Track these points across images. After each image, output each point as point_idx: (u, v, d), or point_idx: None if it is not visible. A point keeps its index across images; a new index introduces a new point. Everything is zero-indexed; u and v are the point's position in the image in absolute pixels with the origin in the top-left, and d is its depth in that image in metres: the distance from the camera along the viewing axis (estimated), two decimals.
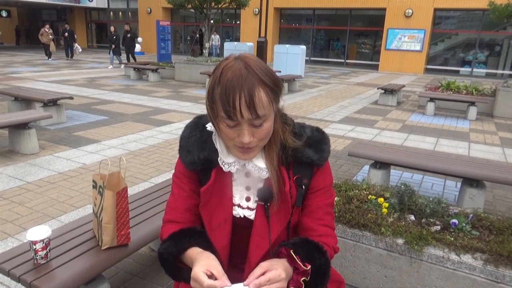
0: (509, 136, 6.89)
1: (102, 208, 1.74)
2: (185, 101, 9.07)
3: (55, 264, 1.64)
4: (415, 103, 10.09)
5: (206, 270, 0.94)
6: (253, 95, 0.92)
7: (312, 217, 1.14)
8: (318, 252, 1.05)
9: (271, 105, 0.98)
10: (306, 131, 1.14)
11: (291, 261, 1.01)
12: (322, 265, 1.03)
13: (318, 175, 1.14)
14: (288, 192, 1.09)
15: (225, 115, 0.94)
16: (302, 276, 0.99)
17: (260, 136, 1.00)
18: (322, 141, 1.14)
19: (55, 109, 6.25)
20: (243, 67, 0.95)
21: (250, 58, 0.98)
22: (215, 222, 1.13)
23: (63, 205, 3.37)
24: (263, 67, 0.97)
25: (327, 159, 1.14)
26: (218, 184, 1.12)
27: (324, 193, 1.16)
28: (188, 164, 1.13)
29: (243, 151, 1.03)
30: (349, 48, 22.81)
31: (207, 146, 1.13)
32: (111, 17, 30.21)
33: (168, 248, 1.09)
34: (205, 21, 12.95)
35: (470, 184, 3.43)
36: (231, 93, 0.92)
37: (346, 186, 2.72)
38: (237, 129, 0.98)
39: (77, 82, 11.31)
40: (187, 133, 1.17)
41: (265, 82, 0.95)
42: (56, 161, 4.50)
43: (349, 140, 6.03)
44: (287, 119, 1.14)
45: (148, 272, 2.45)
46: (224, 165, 1.10)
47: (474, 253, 2.01)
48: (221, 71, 0.96)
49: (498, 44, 19.43)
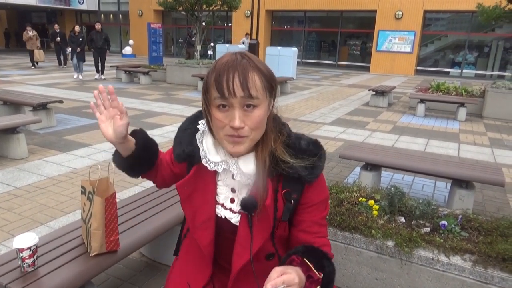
0: (498, 136, 6.98)
1: (91, 214, 1.72)
2: (176, 103, 9.04)
3: (42, 272, 1.62)
4: (405, 104, 10.17)
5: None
6: (247, 76, 0.95)
7: (308, 232, 1.12)
8: (326, 259, 1.04)
9: (264, 92, 0.99)
10: (301, 143, 1.10)
11: (305, 269, 0.98)
12: (331, 273, 1.03)
13: (311, 191, 1.11)
14: (269, 205, 1.06)
15: (218, 94, 0.95)
16: (316, 285, 0.98)
17: (251, 123, 0.98)
18: (316, 156, 1.09)
19: (45, 113, 6.19)
20: (239, 56, 0.98)
21: (247, 53, 1.01)
22: (198, 219, 1.13)
23: (53, 210, 3.33)
24: (259, 60, 1.01)
25: (318, 176, 1.10)
26: (201, 182, 1.13)
27: (319, 207, 1.13)
28: (175, 155, 1.18)
29: (233, 140, 1.00)
30: (341, 50, 22.94)
31: (195, 142, 1.14)
32: (102, 19, 30.03)
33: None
34: (197, 23, 12.93)
35: (460, 185, 3.47)
36: (225, 73, 0.95)
37: (337, 188, 2.73)
38: (229, 113, 0.97)
39: (67, 85, 11.22)
40: (185, 125, 1.20)
41: (260, 69, 0.98)
42: (46, 165, 4.46)
43: (340, 142, 6.06)
44: (283, 129, 1.10)
45: (139, 278, 2.43)
46: (209, 164, 1.10)
47: (463, 255, 2.02)
48: (217, 62, 1.00)
49: (487, 45, 19.69)
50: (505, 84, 8.91)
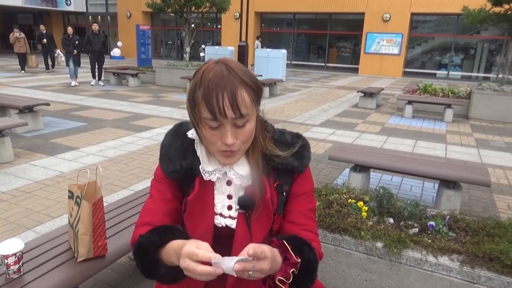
0: (483, 137, 7.09)
1: (79, 219, 1.70)
2: (165, 106, 8.99)
3: (28, 278, 1.59)
4: (394, 105, 10.27)
5: (198, 247, 0.85)
6: (236, 95, 0.94)
7: (295, 223, 1.13)
8: (307, 246, 1.04)
9: (253, 105, 0.99)
10: (286, 137, 1.15)
11: (282, 250, 0.98)
12: (311, 260, 1.03)
13: (299, 181, 1.15)
14: (269, 199, 1.09)
15: (209, 115, 0.94)
16: (292, 267, 0.96)
17: (243, 138, 1.00)
18: (303, 147, 1.14)
19: (31, 116, 6.09)
20: (224, 69, 0.96)
21: (230, 61, 0.99)
22: (197, 231, 1.10)
23: (39, 215, 3.28)
24: (243, 69, 0.99)
25: (307, 165, 1.15)
26: (201, 193, 1.11)
27: (306, 198, 1.16)
28: (169, 173, 1.11)
29: (225, 155, 1.02)
30: (329, 52, 23.09)
31: (189, 154, 1.11)
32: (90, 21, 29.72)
33: (150, 237, 1.00)
34: (186, 25, 12.89)
35: (447, 186, 3.51)
36: (214, 92, 0.93)
37: (327, 190, 2.74)
38: (220, 131, 0.97)
39: (54, 88, 11.08)
40: (168, 141, 1.15)
41: (246, 83, 0.97)
42: (32, 169, 4.39)
43: (329, 144, 6.09)
44: (267, 126, 1.14)
45: (128, 283, 2.40)
46: (204, 174, 1.09)
47: (451, 255, 2.05)
48: (201, 74, 0.97)
49: (473, 47, 20.02)
50: (490, 85, 9.07)
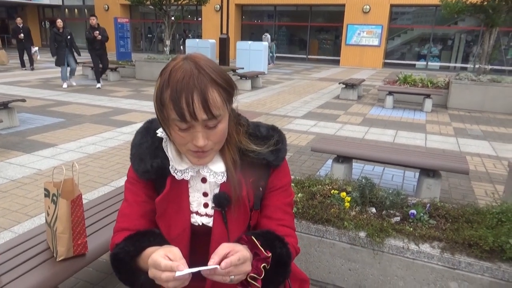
0: (461, 126, 7.25)
1: (57, 218, 1.65)
2: (146, 100, 8.85)
3: (5, 280, 1.54)
4: (374, 96, 10.39)
5: (164, 256, 0.84)
6: (206, 95, 0.88)
7: (271, 218, 1.11)
8: (279, 241, 1.02)
9: (225, 105, 0.95)
10: (261, 130, 1.11)
11: (252, 246, 0.97)
12: (283, 255, 1.01)
13: (275, 175, 1.11)
14: (245, 196, 1.06)
15: (178, 117, 0.89)
16: (262, 262, 0.95)
17: (215, 138, 0.96)
18: (278, 140, 1.10)
19: (6, 113, 5.91)
20: (193, 67, 0.90)
21: (199, 57, 0.94)
22: (174, 232, 1.07)
23: (17, 214, 3.19)
24: (214, 67, 0.93)
25: (284, 158, 1.12)
26: (174, 193, 1.07)
27: (282, 192, 1.13)
28: (141, 173, 1.07)
29: (197, 155, 0.98)
30: (311, 44, 23.13)
31: (160, 153, 1.07)
32: (66, 14, 28.94)
33: (125, 247, 0.99)
34: (165, 18, 12.67)
35: (427, 174, 3.57)
36: (183, 93, 0.87)
37: (309, 182, 2.75)
38: (190, 132, 0.93)
39: (31, 84, 10.76)
40: (138, 140, 1.10)
41: (217, 82, 0.92)
42: (8, 167, 4.26)
43: (312, 135, 6.11)
44: (240, 119, 1.10)
45: (110, 280, 2.36)
46: (176, 173, 1.05)
47: (431, 242, 2.08)
48: (169, 72, 0.91)
49: (450, 38, 20.39)
50: (468, 75, 9.25)
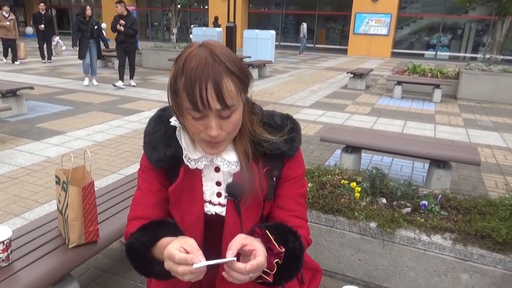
0: (471, 117, 7.16)
1: (67, 205, 1.65)
2: (153, 88, 8.84)
3: (18, 266, 1.55)
4: (383, 86, 10.28)
5: (180, 247, 0.84)
6: (221, 85, 0.86)
7: (284, 209, 1.10)
8: (292, 235, 1.01)
9: (239, 95, 0.92)
10: (275, 119, 1.08)
11: (265, 240, 0.96)
12: (296, 249, 1.00)
13: (289, 165, 1.10)
14: (259, 186, 1.04)
15: (191, 106, 0.87)
16: (275, 258, 0.95)
17: (229, 129, 0.94)
18: (293, 130, 1.08)
19: (15, 100, 5.93)
20: (208, 55, 0.87)
21: (215, 45, 0.91)
22: (187, 221, 1.07)
23: (27, 201, 3.21)
24: (229, 55, 0.90)
25: (298, 148, 1.10)
26: (187, 182, 1.06)
27: (296, 182, 1.12)
28: (154, 162, 1.06)
29: (211, 145, 0.96)
30: (318, 33, 22.88)
31: (173, 141, 1.05)
32: (73, 1, 28.84)
33: (140, 238, 0.99)
34: (172, 5, 12.57)
35: (437, 165, 3.53)
36: (197, 82, 0.85)
37: (319, 171, 2.73)
38: (204, 122, 0.91)
39: (38, 71, 10.78)
40: (151, 128, 1.08)
41: (232, 71, 0.89)
42: (18, 155, 4.28)
43: (320, 125, 6.07)
44: (255, 108, 1.07)
45: (120, 267, 2.38)
46: (190, 162, 1.04)
47: (443, 233, 2.06)
48: (184, 60, 0.88)
49: (460, 27, 20.05)
50: (478, 65, 9.11)
